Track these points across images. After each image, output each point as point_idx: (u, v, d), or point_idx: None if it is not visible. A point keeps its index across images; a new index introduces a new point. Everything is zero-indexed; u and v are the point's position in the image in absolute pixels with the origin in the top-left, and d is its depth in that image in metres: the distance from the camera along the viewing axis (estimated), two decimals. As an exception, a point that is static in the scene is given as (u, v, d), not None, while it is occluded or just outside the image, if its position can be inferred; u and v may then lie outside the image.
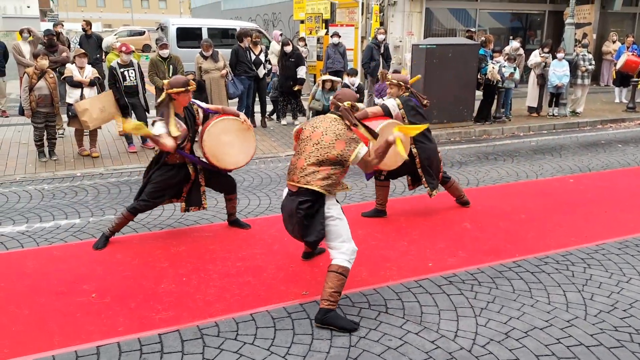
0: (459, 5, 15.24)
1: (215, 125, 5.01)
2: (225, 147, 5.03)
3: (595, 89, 15.33)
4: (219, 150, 5.01)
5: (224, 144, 5.02)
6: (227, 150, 5.04)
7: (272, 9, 21.54)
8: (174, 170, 4.97)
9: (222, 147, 5.01)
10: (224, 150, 5.03)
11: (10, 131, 9.75)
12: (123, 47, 8.28)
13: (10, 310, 3.85)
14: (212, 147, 4.97)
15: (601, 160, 8.32)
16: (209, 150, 4.96)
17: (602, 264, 4.66)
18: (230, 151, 5.06)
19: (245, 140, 5.15)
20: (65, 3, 67.95)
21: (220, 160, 5.05)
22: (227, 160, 5.09)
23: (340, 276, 3.69)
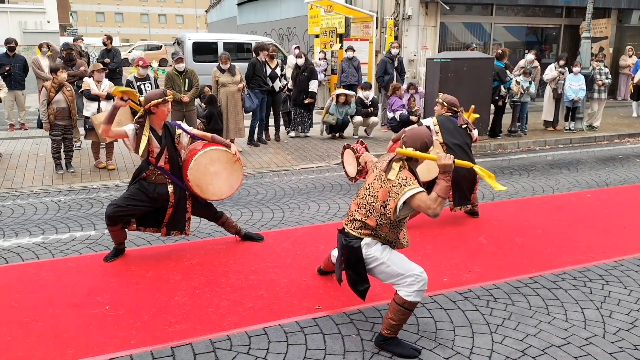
0: (474, 19, 15.25)
1: (204, 154, 4.87)
2: (211, 177, 4.91)
3: (612, 103, 15.19)
4: (204, 180, 4.88)
5: (210, 175, 4.90)
6: (212, 181, 4.92)
7: (287, 24, 21.72)
8: (151, 186, 4.83)
9: (208, 178, 4.89)
10: (209, 180, 4.91)
11: (29, 144, 9.89)
12: (140, 61, 8.41)
13: (25, 322, 3.87)
14: (197, 176, 4.84)
15: (619, 175, 8.20)
16: (193, 179, 4.82)
17: (620, 281, 4.57)
18: (215, 182, 4.93)
19: (232, 172, 5.03)
20: (84, 18, 69.31)
21: (204, 191, 4.91)
22: (211, 190, 4.95)
23: (405, 310, 3.45)
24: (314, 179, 7.88)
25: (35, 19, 42.01)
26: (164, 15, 76.91)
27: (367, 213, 3.51)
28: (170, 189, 4.86)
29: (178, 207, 4.93)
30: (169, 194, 4.86)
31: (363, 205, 3.54)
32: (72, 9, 59.67)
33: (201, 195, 4.94)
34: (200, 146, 5.00)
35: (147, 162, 4.80)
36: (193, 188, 4.87)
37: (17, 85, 10.96)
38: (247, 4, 27.35)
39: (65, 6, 49.29)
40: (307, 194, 7.12)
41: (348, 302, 4.18)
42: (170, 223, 4.98)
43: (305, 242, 5.38)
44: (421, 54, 13.99)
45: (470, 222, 6.02)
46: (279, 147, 9.89)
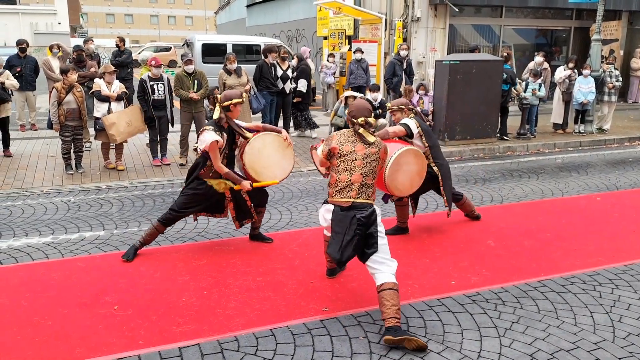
0: (483, 21, 15.19)
1: (258, 138, 5.04)
2: (265, 160, 5.06)
3: (623, 106, 15.08)
4: (258, 163, 5.03)
5: (264, 158, 5.06)
6: (267, 164, 5.07)
7: (296, 25, 21.76)
8: (205, 185, 4.99)
9: (263, 161, 5.05)
10: (263, 163, 5.06)
11: (39, 144, 9.97)
12: (153, 60, 8.46)
13: (34, 321, 3.90)
14: (252, 160, 5.00)
15: (629, 178, 8.14)
16: (248, 163, 4.99)
17: (630, 285, 4.54)
18: (268, 165, 5.09)
19: (284, 156, 5.19)
20: (94, 19, 69.80)
21: (259, 174, 5.06)
22: (265, 174, 5.09)
23: (397, 292, 3.71)
24: (322, 181, 7.88)
25: (46, 21, 42.35)
26: (174, 16, 77.29)
27: (374, 177, 3.96)
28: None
29: (238, 200, 5.10)
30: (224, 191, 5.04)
31: (370, 173, 3.92)
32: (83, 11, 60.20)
33: (256, 178, 5.05)
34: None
35: (206, 158, 4.94)
36: (249, 171, 5.01)
37: (28, 86, 11.06)
38: (256, 6, 27.43)
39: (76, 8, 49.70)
40: (315, 196, 7.12)
41: (355, 304, 4.17)
42: (239, 215, 5.17)
43: (313, 244, 5.38)
44: (430, 56, 13.96)
45: (478, 225, 6.00)
46: (287, 149, 9.90)
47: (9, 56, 11.02)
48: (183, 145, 8.72)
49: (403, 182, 4.92)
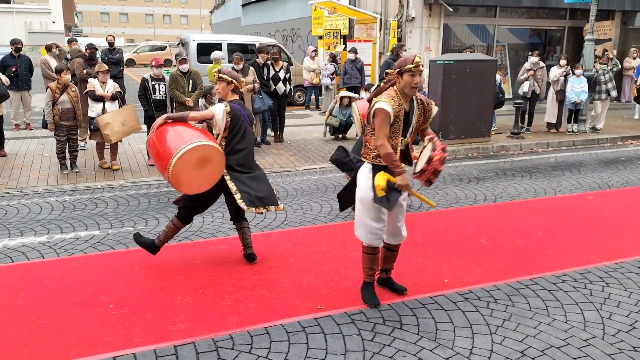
0: (478, 21, 15.25)
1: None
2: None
3: (616, 105, 15.17)
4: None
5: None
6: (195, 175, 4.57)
7: (291, 25, 21.78)
8: None
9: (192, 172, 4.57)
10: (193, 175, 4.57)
11: (34, 144, 9.96)
12: (153, 61, 8.53)
13: (30, 320, 3.93)
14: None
15: (621, 177, 8.21)
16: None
17: (621, 283, 4.59)
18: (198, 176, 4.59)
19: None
20: (89, 18, 69.58)
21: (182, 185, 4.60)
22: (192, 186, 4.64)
23: None
24: (316, 180, 7.92)
25: (40, 19, 42.16)
26: (169, 15, 77.13)
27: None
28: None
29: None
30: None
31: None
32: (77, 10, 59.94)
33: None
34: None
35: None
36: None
37: (24, 85, 11.04)
38: (252, 5, 27.44)
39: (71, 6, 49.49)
40: (309, 195, 7.16)
41: (349, 302, 4.21)
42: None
43: (307, 243, 5.42)
44: (425, 55, 14.02)
45: (471, 224, 6.05)
46: (282, 148, 9.94)
47: (3, 56, 10.99)
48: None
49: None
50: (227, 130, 4.69)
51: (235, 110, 4.72)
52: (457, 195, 7.20)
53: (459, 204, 6.84)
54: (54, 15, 43.05)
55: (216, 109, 4.72)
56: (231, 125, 4.68)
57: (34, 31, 40.15)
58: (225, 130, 4.69)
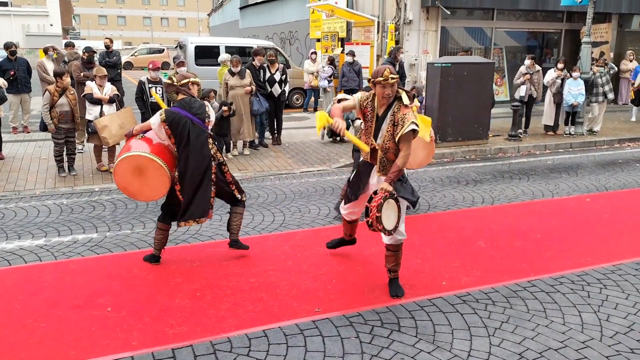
0: (475, 24, 15.28)
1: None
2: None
3: (613, 108, 15.22)
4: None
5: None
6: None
7: (289, 27, 21.80)
8: None
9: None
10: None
11: (32, 147, 9.95)
12: (150, 64, 8.53)
13: (28, 323, 3.92)
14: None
15: (619, 179, 8.23)
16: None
17: (618, 285, 4.60)
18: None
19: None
20: (87, 21, 69.57)
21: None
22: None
23: None
24: (314, 183, 7.92)
25: (38, 22, 42.17)
26: (167, 18, 77.17)
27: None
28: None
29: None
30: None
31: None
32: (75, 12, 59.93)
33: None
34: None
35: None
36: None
37: (24, 88, 11.02)
38: (249, 8, 27.47)
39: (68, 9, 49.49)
40: (307, 197, 7.16)
41: (347, 305, 4.21)
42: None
43: (305, 246, 5.42)
44: (422, 58, 14.04)
45: (469, 226, 6.06)
46: (280, 151, 9.94)
47: (1, 60, 10.96)
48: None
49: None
50: (171, 137, 4.69)
51: (172, 115, 4.66)
52: (454, 197, 7.21)
53: (457, 206, 6.85)
54: (51, 18, 43.06)
55: (152, 120, 4.77)
56: (172, 131, 4.66)
57: (31, 34, 40.15)
58: (170, 137, 4.69)
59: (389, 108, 4.22)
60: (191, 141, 4.67)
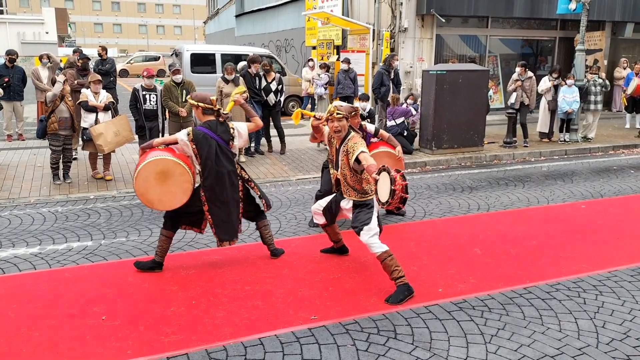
0: (470, 32, 15.37)
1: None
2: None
3: (607, 115, 15.31)
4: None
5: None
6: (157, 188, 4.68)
7: (285, 35, 21.85)
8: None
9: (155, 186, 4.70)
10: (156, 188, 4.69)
11: (26, 154, 9.92)
12: (145, 71, 8.53)
13: (22, 332, 3.89)
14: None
15: (613, 186, 8.26)
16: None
17: (614, 292, 4.61)
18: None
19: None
20: (82, 29, 69.60)
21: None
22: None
23: None
24: (310, 190, 7.91)
25: (33, 30, 42.14)
26: (162, 26, 77.31)
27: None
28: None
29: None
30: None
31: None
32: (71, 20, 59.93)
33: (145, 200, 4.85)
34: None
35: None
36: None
37: (16, 96, 11.02)
38: (245, 16, 27.53)
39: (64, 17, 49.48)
40: (303, 205, 7.15)
41: (343, 312, 4.20)
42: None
43: (301, 253, 5.41)
44: (417, 65, 14.10)
45: (465, 233, 6.06)
46: (276, 158, 9.94)
47: (-3, 67, 10.96)
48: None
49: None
50: (197, 156, 4.75)
51: (199, 135, 4.71)
52: (450, 204, 7.22)
53: (453, 213, 6.85)
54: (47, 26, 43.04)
55: (180, 135, 4.81)
56: (198, 151, 4.72)
57: (27, 42, 40.10)
58: (196, 157, 4.76)
59: (344, 140, 4.58)
60: (221, 159, 4.76)
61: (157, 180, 4.62)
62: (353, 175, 4.57)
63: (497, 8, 14.49)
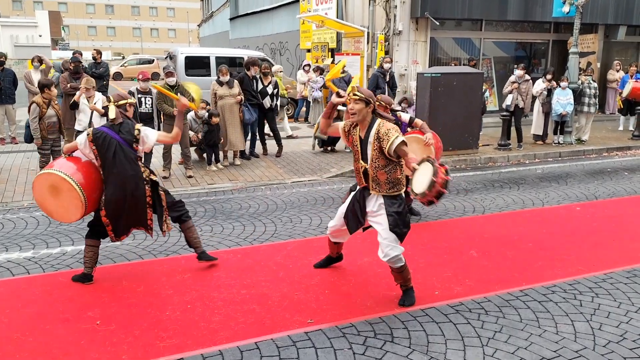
0: (464, 34, 15.42)
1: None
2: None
3: (601, 117, 15.37)
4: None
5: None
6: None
7: (279, 38, 21.86)
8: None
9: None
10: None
11: (19, 158, 9.85)
12: (140, 74, 8.51)
13: (15, 338, 3.85)
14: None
15: (608, 188, 8.29)
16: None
17: (610, 293, 4.61)
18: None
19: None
20: (76, 32, 69.37)
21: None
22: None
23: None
24: (306, 193, 7.90)
25: (27, 33, 42.01)
26: (157, 29, 77.16)
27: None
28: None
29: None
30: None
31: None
32: (64, 23, 59.77)
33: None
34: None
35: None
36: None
37: (8, 99, 10.96)
38: (239, 19, 27.53)
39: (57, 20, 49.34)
40: (299, 208, 7.13)
41: (340, 316, 4.18)
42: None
43: (297, 256, 5.39)
44: (412, 68, 14.12)
45: (461, 235, 6.06)
46: (271, 161, 9.92)
47: (-13, 69, 10.89)
48: (166, 158, 8.71)
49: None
50: (98, 157, 4.61)
51: (99, 135, 4.58)
52: (446, 207, 7.22)
53: (448, 215, 6.85)
54: (40, 29, 42.92)
55: (79, 139, 4.73)
56: (98, 151, 4.59)
57: (20, 45, 39.95)
58: (97, 159, 4.63)
59: (371, 128, 4.25)
60: (119, 160, 4.60)
61: (50, 193, 4.57)
62: (388, 164, 4.20)
63: (490, 11, 14.53)
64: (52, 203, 4.59)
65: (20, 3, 66.37)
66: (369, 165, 4.27)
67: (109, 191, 4.63)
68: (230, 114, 9.25)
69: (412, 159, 4.05)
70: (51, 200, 4.58)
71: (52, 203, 4.60)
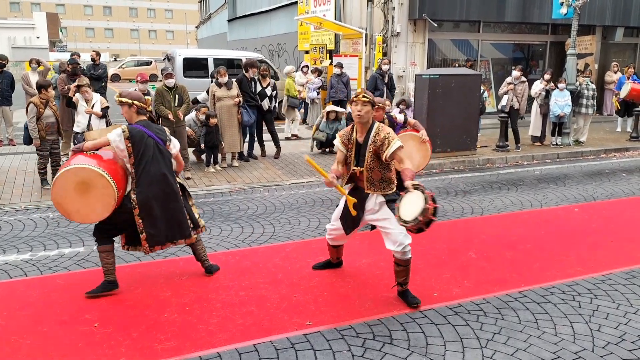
0: (462, 36, 15.44)
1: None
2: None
3: (598, 119, 15.40)
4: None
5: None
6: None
7: (277, 40, 21.87)
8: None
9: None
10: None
11: (17, 159, 9.83)
12: (139, 76, 8.51)
13: (13, 340, 3.83)
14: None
15: (606, 189, 8.30)
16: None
17: (609, 295, 4.61)
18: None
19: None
20: (74, 34, 69.31)
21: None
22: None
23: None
24: (304, 194, 7.89)
25: (24, 35, 41.97)
26: (154, 31, 77.11)
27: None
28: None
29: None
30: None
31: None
32: (62, 25, 59.69)
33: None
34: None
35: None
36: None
37: (5, 101, 10.96)
38: (238, 20, 27.54)
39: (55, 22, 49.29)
40: (297, 209, 7.12)
41: (339, 317, 4.18)
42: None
43: (295, 258, 5.38)
44: (410, 70, 14.13)
45: (459, 237, 6.05)
46: (269, 163, 9.91)
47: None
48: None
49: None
50: (132, 155, 4.43)
51: (136, 133, 4.43)
52: (444, 208, 7.21)
53: (447, 217, 6.85)
54: (38, 31, 42.89)
55: (112, 135, 4.43)
56: (134, 150, 4.41)
57: (17, 46, 39.91)
58: (130, 157, 4.44)
59: (370, 131, 4.33)
60: (157, 160, 4.49)
61: (77, 190, 4.21)
62: (380, 168, 4.30)
63: (488, 13, 14.55)
64: (76, 201, 4.22)
65: (17, 5, 66.29)
66: (365, 167, 4.34)
67: (143, 189, 4.43)
68: (228, 116, 9.24)
69: (409, 170, 4.11)
70: (74, 199, 4.23)
71: (74, 201, 4.22)
